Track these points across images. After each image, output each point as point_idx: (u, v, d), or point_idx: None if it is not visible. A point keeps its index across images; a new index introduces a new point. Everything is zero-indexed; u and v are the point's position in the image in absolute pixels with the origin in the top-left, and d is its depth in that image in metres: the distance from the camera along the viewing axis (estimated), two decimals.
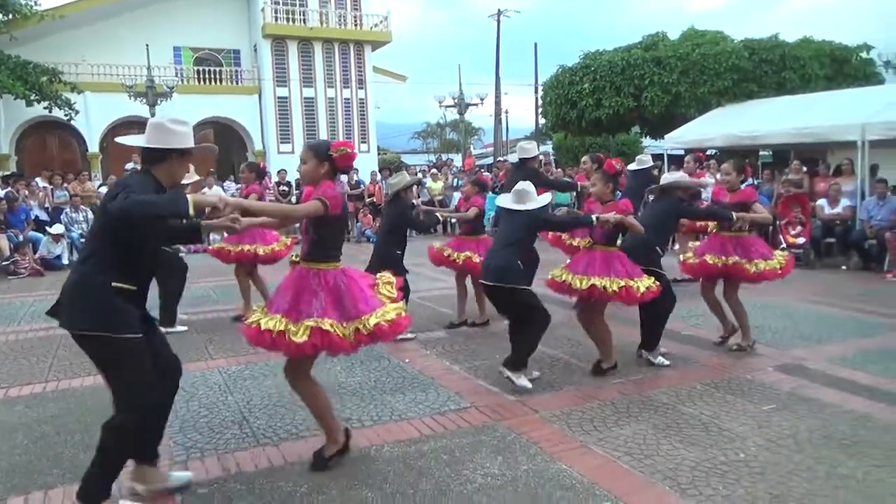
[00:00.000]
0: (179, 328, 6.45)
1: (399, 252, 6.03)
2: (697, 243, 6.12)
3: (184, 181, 5.84)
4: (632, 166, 8.02)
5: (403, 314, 3.33)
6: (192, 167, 5.06)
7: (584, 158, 8.89)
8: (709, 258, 5.44)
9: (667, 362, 5.10)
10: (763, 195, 11.58)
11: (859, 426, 3.88)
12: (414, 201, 6.45)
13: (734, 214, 5.24)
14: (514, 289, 4.55)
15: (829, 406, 4.21)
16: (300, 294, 3.23)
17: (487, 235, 6.77)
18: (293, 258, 3.65)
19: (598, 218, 4.68)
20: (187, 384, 4.83)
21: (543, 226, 5.20)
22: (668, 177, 5.43)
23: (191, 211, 2.63)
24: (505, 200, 4.84)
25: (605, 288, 4.63)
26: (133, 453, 3.06)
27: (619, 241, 4.97)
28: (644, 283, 4.71)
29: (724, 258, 5.37)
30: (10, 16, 18.80)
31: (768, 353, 5.46)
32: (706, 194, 8.44)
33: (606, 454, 3.55)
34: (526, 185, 4.77)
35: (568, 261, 5.45)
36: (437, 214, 6.82)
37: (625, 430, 3.87)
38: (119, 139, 3.31)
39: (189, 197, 2.65)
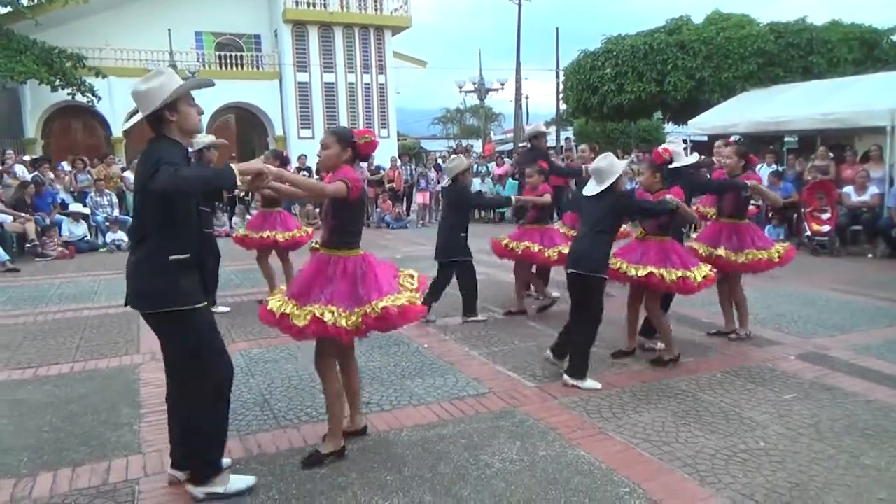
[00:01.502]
0: (222, 308, 6.65)
1: (463, 235, 6.13)
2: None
3: (201, 142, 5.95)
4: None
5: (418, 303, 3.33)
6: (203, 132, 5.10)
7: (581, 147, 8.80)
8: (697, 246, 5.40)
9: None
10: (788, 182, 11.41)
11: (882, 416, 3.83)
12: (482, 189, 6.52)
13: (748, 184, 5.12)
14: (588, 276, 4.43)
15: (852, 395, 4.17)
16: (314, 279, 3.26)
17: (553, 225, 6.66)
18: (314, 244, 3.69)
19: (677, 206, 4.56)
20: None
21: (627, 210, 4.77)
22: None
23: (238, 182, 2.74)
24: (589, 189, 4.57)
25: (662, 277, 4.62)
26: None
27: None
28: (700, 273, 4.70)
29: (711, 249, 5.30)
30: (36, 0, 19.03)
31: (790, 341, 5.40)
32: None
33: (625, 441, 3.55)
34: (602, 162, 4.48)
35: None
36: (512, 198, 6.69)
37: (644, 417, 3.87)
38: (126, 124, 3.36)
39: (235, 168, 2.73)
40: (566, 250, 5.26)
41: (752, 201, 6.70)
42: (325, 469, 3.27)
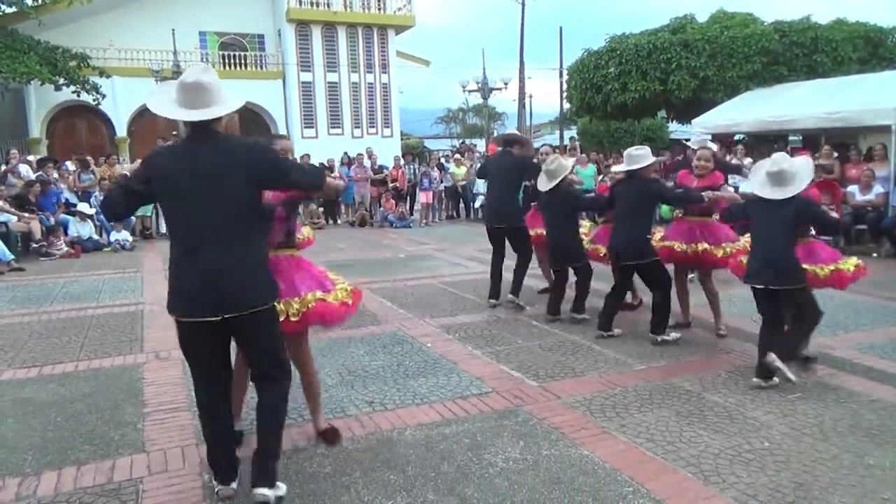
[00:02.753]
0: None
1: (580, 238, 6.18)
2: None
3: None
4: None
5: (345, 303, 3.35)
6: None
7: (572, 137, 9.14)
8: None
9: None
10: None
11: (887, 416, 3.82)
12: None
13: (705, 195, 5.29)
14: (639, 264, 5.29)
15: (856, 395, 4.16)
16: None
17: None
18: None
19: (709, 198, 5.25)
20: None
21: (659, 198, 5.58)
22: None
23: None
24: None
25: (714, 252, 5.28)
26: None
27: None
28: (738, 246, 5.27)
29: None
30: (40, 0, 19.07)
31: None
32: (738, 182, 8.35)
33: (629, 440, 3.55)
34: (634, 149, 5.32)
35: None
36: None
37: (647, 417, 3.86)
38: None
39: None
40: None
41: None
42: (329, 468, 3.28)
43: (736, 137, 14.50)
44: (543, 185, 5.89)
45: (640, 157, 5.26)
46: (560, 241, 6.02)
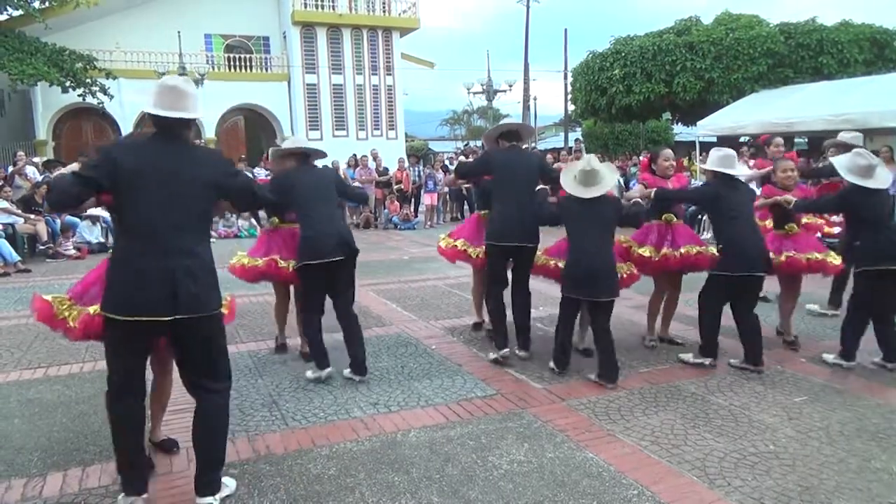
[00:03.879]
0: None
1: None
2: None
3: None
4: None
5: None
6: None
7: (577, 139, 8.48)
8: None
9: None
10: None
11: (894, 419, 3.80)
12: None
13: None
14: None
15: (863, 398, 4.14)
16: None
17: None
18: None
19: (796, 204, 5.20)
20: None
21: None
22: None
23: None
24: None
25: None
26: None
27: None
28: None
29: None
30: (47, 3, 19.16)
31: (801, 343, 5.36)
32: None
33: (634, 443, 3.54)
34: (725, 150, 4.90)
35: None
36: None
37: (652, 420, 3.85)
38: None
39: None
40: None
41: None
42: (333, 470, 3.28)
43: (741, 140, 14.46)
44: (580, 190, 4.53)
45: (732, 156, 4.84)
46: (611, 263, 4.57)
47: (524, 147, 5.42)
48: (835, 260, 5.25)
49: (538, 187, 5.15)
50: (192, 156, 2.88)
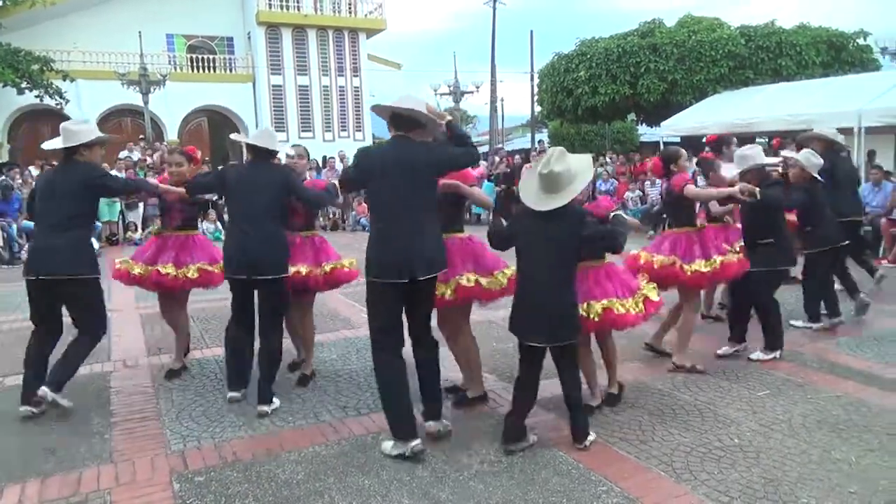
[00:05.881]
0: None
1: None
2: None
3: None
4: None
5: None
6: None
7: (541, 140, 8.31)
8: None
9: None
10: None
11: (853, 410, 3.90)
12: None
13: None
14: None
15: (823, 391, 4.24)
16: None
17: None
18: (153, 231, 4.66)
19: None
20: (183, 373, 4.84)
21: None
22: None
23: None
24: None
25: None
26: None
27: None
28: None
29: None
30: (1, 2, 18.62)
31: (762, 338, 5.46)
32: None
33: (602, 440, 3.57)
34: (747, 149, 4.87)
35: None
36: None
37: (620, 417, 3.89)
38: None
39: None
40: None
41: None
42: (302, 475, 3.24)
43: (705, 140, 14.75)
44: (539, 199, 3.39)
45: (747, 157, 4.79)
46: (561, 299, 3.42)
47: (429, 139, 3.61)
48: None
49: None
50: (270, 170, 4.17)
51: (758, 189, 4.50)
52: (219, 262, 4.59)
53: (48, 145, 4.28)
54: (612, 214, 3.66)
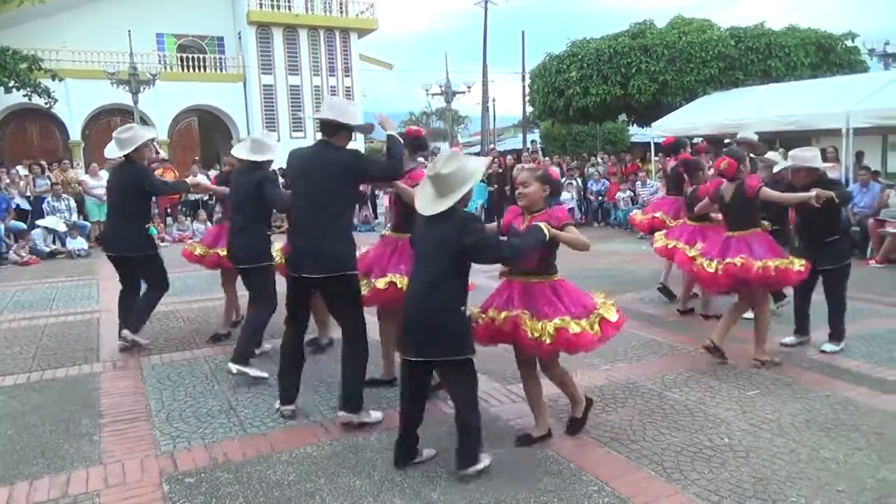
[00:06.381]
0: None
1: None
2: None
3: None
4: None
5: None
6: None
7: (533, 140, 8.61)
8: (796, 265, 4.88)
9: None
10: None
11: (841, 410, 3.93)
12: None
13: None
14: None
15: (812, 391, 4.27)
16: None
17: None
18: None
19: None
20: (173, 373, 4.83)
21: None
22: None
23: None
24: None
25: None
26: None
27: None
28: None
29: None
30: None
31: (752, 339, 5.49)
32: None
33: (593, 440, 3.58)
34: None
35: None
36: None
37: (611, 417, 3.90)
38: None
39: None
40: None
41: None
42: (294, 476, 3.23)
43: (695, 141, 14.80)
44: (426, 203, 3.20)
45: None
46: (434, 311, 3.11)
47: (336, 144, 3.76)
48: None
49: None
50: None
51: (833, 193, 4.59)
52: None
53: (109, 153, 5.40)
54: (537, 224, 3.27)
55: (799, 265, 4.68)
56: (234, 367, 4.50)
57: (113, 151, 5.28)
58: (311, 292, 3.89)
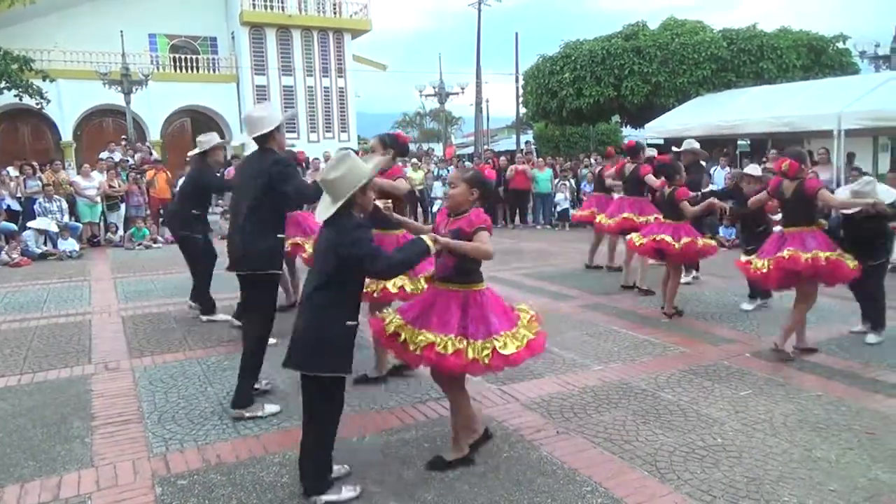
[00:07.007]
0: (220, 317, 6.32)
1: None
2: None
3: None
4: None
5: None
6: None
7: (528, 141, 9.43)
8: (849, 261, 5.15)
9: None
10: None
11: (833, 410, 3.95)
12: None
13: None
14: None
15: (804, 391, 4.29)
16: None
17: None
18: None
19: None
20: (166, 375, 4.81)
21: None
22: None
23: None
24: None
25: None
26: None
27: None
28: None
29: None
30: None
31: (745, 339, 5.53)
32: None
33: (587, 440, 3.58)
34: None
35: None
36: None
37: (605, 417, 3.91)
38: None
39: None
40: None
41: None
42: (287, 478, 3.22)
43: (687, 142, 14.87)
44: (322, 208, 3.00)
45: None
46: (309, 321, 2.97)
47: (268, 151, 4.00)
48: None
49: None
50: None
51: (886, 203, 5.04)
52: (310, 236, 5.75)
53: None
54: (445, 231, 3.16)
55: (853, 263, 4.86)
56: (246, 413, 3.97)
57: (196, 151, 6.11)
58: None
